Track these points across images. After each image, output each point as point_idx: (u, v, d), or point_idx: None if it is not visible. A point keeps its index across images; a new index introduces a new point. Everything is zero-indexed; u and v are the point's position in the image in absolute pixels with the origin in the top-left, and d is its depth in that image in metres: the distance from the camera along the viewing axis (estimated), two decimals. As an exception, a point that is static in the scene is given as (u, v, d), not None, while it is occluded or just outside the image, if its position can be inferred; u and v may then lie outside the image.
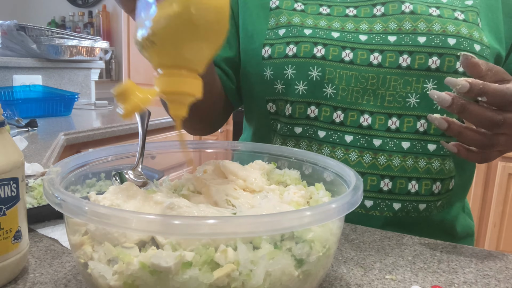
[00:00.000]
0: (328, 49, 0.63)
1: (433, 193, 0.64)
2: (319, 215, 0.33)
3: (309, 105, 0.65)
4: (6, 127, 0.44)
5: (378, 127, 0.63)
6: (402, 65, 0.62)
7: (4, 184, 0.42)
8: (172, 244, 0.34)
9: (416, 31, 0.62)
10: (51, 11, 4.51)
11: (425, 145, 0.63)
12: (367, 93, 0.63)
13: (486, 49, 0.63)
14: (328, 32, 0.64)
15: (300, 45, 0.64)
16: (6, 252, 0.42)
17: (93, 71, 2.29)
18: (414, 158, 0.63)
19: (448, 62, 0.61)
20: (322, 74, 0.63)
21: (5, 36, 1.89)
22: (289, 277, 0.35)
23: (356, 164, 0.63)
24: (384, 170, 0.63)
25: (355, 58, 0.63)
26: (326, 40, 0.64)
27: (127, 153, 0.54)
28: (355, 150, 0.63)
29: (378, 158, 0.63)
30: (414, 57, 0.61)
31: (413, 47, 0.61)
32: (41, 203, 0.62)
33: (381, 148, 0.63)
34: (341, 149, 0.64)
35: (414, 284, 0.46)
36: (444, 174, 0.64)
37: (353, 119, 0.63)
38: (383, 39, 0.63)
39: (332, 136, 0.64)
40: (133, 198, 0.41)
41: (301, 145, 0.67)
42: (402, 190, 0.63)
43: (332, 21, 0.65)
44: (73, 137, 1.40)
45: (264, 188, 0.50)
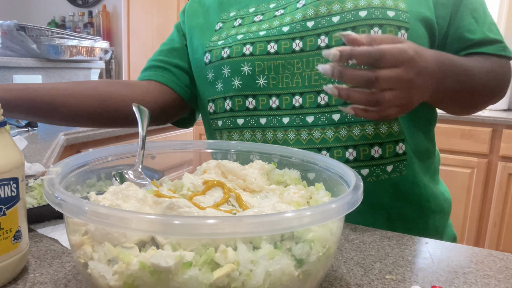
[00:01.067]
0: (256, 46, 0.71)
1: (373, 157, 0.67)
2: (319, 215, 0.33)
3: (247, 98, 0.72)
4: (6, 127, 0.44)
5: (309, 105, 0.68)
6: (321, 45, 0.67)
7: (4, 184, 0.42)
8: (172, 244, 0.34)
9: (330, 13, 0.67)
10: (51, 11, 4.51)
11: (351, 117, 0.67)
12: (295, 77, 0.69)
13: (403, 13, 0.66)
14: (256, 33, 0.72)
15: (233, 48, 0.73)
16: (6, 252, 0.42)
17: (93, 71, 2.29)
18: (347, 127, 0.66)
19: (362, 32, 0.65)
20: (252, 68, 0.71)
21: (5, 36, 1.89)
22: (289, 277, 0.35)
23: (295, 142, 0.69)
24: (320, 143, 0.67)
25: (279, 49, 0.69)
26: (254, 39, 0.71)
27: (127, 153, 0.54)
28: (293, 129, 0.69)
29: (313, 133, 0.68)
30: (330, 37, 0.66)
31: (329, 28, 0.67)
32: (41, 203, 0.62)
33: (314, 123, 0.68)
34: (281, 131, 0.70)
35: (414, 284, 0.46)
36: (381, 139, 0.67)
37: (287, 102, 0.70)
38: (303, 26, 0.69)
39: (272, 121, 0.71)
40: (133, 198, 0.41)
41: (245, 135, 0.73)
42: (340, 159, 0.67)
43: (262, 25, 0.73)
44: (73, 137, 1.40)
45: (264, 188, 0.50)
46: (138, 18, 3.74)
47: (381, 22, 0.65)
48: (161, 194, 0.44)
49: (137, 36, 3.77)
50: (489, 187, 2.31)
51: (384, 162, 0.68)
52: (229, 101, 0.73)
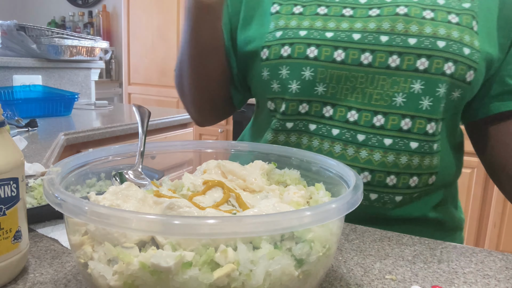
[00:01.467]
0: (321, 50, 0.66)
1: (409, 186, 0.67)
2: (319, 215, 0.33)
3: (301, 103, 0.68)
4: (6, 127, 0.44)
5: (363, 123, 0.66)
6: (391, 65, 0.64)
7: (4, 184, 0.42)
8: (172, 244, 0.34)
9: (407, 33, 0.63)
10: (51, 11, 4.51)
11: (408, 142, 0.65)
12: (355, 91, 0.66)
13: (476, 53, 0.63)
14: (322, 33, 0.67)
15: (294, 46, 0.67)
16: (6, 252, 0.42)
17: (93, 71, 2.29)
18: (396, 154, 0.65)
19: (436, 64, 0.62)
20: (314, 74, 0.66)
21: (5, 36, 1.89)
22: (289, 277, 0.35)
23: (339, 156, 0.67)
24: (365, 163, 0.66)
25: (347, 58, 0.65)
26: (319, 40, 0.66)
27: (127, 153, 0.54)
28: (340, 143, 0.67)
29: (360, 152, 0.66)
30: (403, 58, 0.63)
31: (403, 48, 0.63)
32: (41, 203, 0.62)
33: (364, 143, 0.66)
34: (328, 142, 0.67)
35: (414, 284, 0.46)
36: (422, 170, 0.66)
37: (341, 114, 0.67)
38: (376, 38, 0.64)
39: (322, 129, 0.68)
40: (133, 198, 0.41)
41: (291, 138, 0.71)
42: (380, 183, 0.66)
43: (328, 21, 0.68)
44: (73, 137, 1.40)
45: (264, 188, 0.50)
46: (138, 18, 3.74)
47: (456, 58, 0.62)
48: (161, 194, 0.44)
49: (137, 36, 3.77)
50: (489, 187, 2.31)
51: (416, 191, 0.68)
52: (284, 103, 0.69)
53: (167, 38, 3.63)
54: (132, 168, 0.52)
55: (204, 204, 0.44)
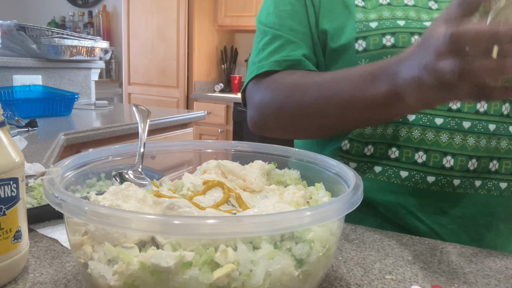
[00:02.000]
0: (397, 36, 0.65)
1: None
2: (319, 215, 0.33)
3: None
4: (6, 127, 0.44)
5: (467, 110, 0.65)
6: None
7: (4, 184, 0.42)
8: (172, 244, 0.34)
9: None
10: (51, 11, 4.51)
11: (507, 127, 0.65)
12: None
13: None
14: (420, 23, 0.66)
15: (398, 35, 0.65)
16: (6, 252, 0.42)
17: (93, 71, 2.29)
18: (497, 139, 0.65)
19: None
20: None
21: (5, 36, 1.89)
22: (289, 277, 0.35)
23: (447, 145, 0.65)
24: (472, 151, 0.65)
25: None
26: (420, 29, 0.66)
27: (127, 153, 0.54)
28: (446, 132, 0.65)
29: (467, 139, 0.65)
30: None
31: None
32: (41, 203, 0.62)
33: (470, 130, 0.65)
34: (432, 132, 0.66)
35: (414, 284, 0.46)
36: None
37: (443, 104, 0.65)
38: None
39: (422, 119, 0.66)
40: (133, 198, 0.41)
41: (388, 130, 0.67)
42: (485, 169, 0.66)
43: (420, 12, 0.68)
44: (73, 137, 1.40)
45: (264, 188, 0.50)
46: (138, 18, 3.74)
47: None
48: (161, 194, 0.44)
49: (137, 36, 3.77)
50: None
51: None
52: None
53: (167, 38, 3.63)
54: (132, 168, 0.52)
55: (204, 204, 0.44)
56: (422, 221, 0.66)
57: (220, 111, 3.50)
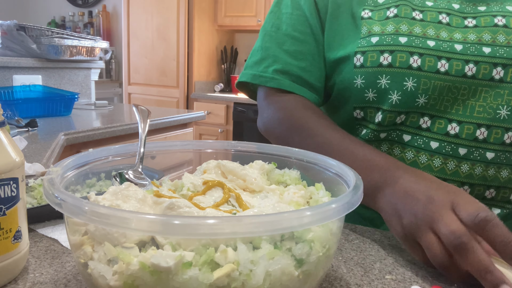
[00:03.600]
0: (424, 59, 0.63)
1: (510, 201, 0.65)
2: (319, 215, 0.33)
3: (399, 114, 0.65)
4: (6, 127, 0.44)
5: (465, 136, 0.63)
6: (495, 77, 0.62)
7: (4, 184, 0.42)
8: (172, 244, 0.34)
9: (510, 44, 0.62)
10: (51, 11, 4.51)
11: (510, 156, 0.63)
12: (456, 103, 0.63)
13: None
14: (423, 41, 0.64)
15: (396, 54, 0.63)
16: (6, 252, 0.42)
17: (93, 71, 2.29)
18: (497, 168, 0.63)
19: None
20: (417, 85, 0.63)
21: (5, 36, 1.89)
22: (289, 277, 0.35)
23: (439, 170, 0.64)
24: (465, 178, 0.63)
25: (450, 69, 0.62)
26: (422, 49, 0.63)
27: (127, 153, 0.54)
28: (440, 157, 0.64)
29: (461, 166, 0.63)
30: (507, 70, 0.61)
31: (508, 60, 0.61)
32: (41, 203, 0.62)
33: (465, 157, 0.63)
34: (425, 155, 0.64)
35: (414, 284, 0.46)
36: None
37: (440, 127, 0.64)
38: (478, 49, 0.62)
39: (418, 141, 0.65)
40: (133, 198, 0.41)
41: (382, 148, 0.67)
42: (479, 196, 0.64)
43: (426, 28, 0.65)
44: (73, 137, 1.40)
45: (264, 188, 0.50)
46: (138, 18, 3.74)
47: None
48: (161, 194, 0.44)
49: (137, 36, 3.77)
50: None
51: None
52: (380, 114, 0.66)
53: (167, 38, 3.63)
54: (132, 168, 0.52)
55: (204, 204, 0.44)
56: None
57: (220, 111, 3.50)
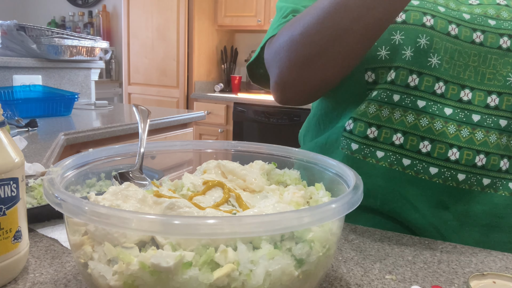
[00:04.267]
0: (437, 21, 0.65)
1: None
2: (319, 215, 0.33)
3: (411, 73, 0.65)
4: (6, 127, 0.44)
5: (477, 103, 0.64)
6: (503, 46, 0.64)
7: (4, 184, 0.42)
8: (172, 244, 0.34)
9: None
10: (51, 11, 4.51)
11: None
12: (468, 69, 0.64)
13: None
14: (434, 5, 0.67)
15: (410, 13, 0.66)
16: (6, 252, 0.42)
17: (93, 71, 2.29)
18: (508, 136, 0.64)
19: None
20: (429, 43, 0.64)
21: (5, 36, 1.89)
22: (289, 277, 0.35)
23: (453, 137, 0.63)
24: (480, 145, 0.63)
25: (460, 34, 0.65)
26: (433, 12, 0.66)
27: (127, 153, 0.54)
28: (454, 123, 0.64)
29: (475, 133, 0.63)
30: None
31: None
32: (41, 203, 0.62)
33: (479, 123, 0.63)
34: (440, 121, 0.64)
35: (414, 284, 0.46)
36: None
37: (453, 93, 0.64)
38: (484, 21, 0.65)
39: (432, 107, 0.64)
40: (132, 198, 0.41)
41: (395, 114, 0.66)
42: (495, 167, 0.64)
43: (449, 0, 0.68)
44: (73, 137, 1.40)
45: (264, 188, 0.50)
46: (138, 18, 3.74)
47: None
48: (161, 194, 0.44)
49: (137, 36, 3.77)
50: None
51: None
52: (393, 71, 0.66)
53: (167, 38, 3.63)
54: (132, 168, 0.52)
55: (204, 204, 0.44)
56: (421, 214, 0.64)
57: (220, 111, 3.50)
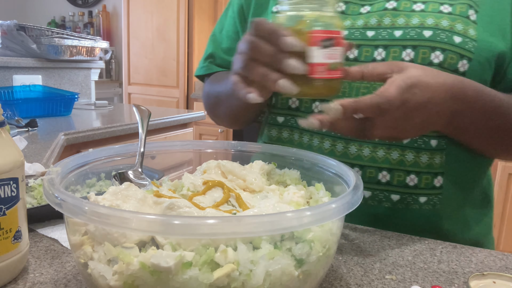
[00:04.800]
0: None
1: (407, 185, 0.64)
2: (319, 215, 0.33)
3: (290, 97, 0.70)
4: (6, 127, 0.44)
5: None
6: (377, 58, 0.63)
7: (4, 184, 0.42)
8: (172, 245, 0.34)
9: (394, 26, 0.63)
10: (51, 11, 4.51)
11: None
12: (343, 85, 0.65)
13: (470, 41, 0.61)
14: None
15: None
16: (6, 252, 0.42)
17: (93, 71, 2.28)
18: (386, 149, 0.64)
19: (422, 54, 0.61)
20: None
21: (5, 36, 1.89)
22: (289, 277, 0.35)
23: (329, 152, 0.66)
24: (354, 159, 0.65)
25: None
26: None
27: (127, 153, 0.54)
28: (329, 139, 0.66)
29: (349, 147, 0.65)
30: (389, 51, 0.63)
31: (389, 41, 0.63)
32: (41, 203, 0.62)
33: (352, 138, 0.65)
34: (317, 138, 0.67)
35: (414, 284, 0.46)
36: (419, 167, 0.63)
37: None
38: (362, 34, 0.65)
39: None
40: (132, 198, 0.41)
41: (283, 134, 0.72)
42: (372, 179, 0.65)
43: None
44: (73, 137, 1.40)
45: (264, 188, 0.50)
46: (138, 18, 3.73)
47: (444, 47, 0.60)
48: (161, 194, 0.44)
49: (137, 36, 3.77)
50: (489, 187, 2.31)
51: (415, 192, 0.64)
52: (273, 97, 0.72)
53: (167, 38, 3.63)
54: (132, 168, 0.52)
55: (204, 204, 0.44)
56: None
57: (220, 111, 3.49)
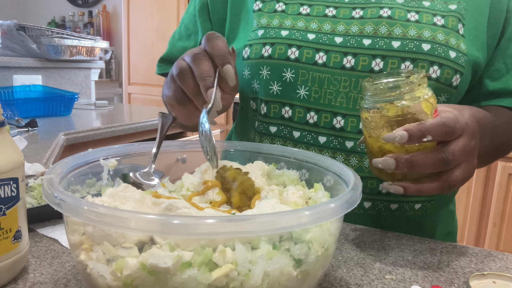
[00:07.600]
0: (302, 51, 0.64)
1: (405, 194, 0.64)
2: (318, 215, 0.34)
3: (283, 106, 0.67)
4: (6, 127, 0.44)
5: (350, 129, 0.64)
6: (375, 69, 0.62)
7: (4, 184, 0.42)
8: (170, 245, 0.34)
9: (391, 36, 0.62)
10: (51, 11, 4.51)
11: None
12: (339, 95, 0.64)
13: (462, 56, 0.62)
14: (304, 34, 0.65)
15: (275, 47, 0.66)
16: (6, 252, 0.42)
17: (93, 71, 2.28)
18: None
19: (421, 67, 0.61)
20: (295, 76, 0.65)
21: (5, 36, 1.89)
22: (288, 277, 0.35)
23: None
24: (355, 171, 0.63)
25: (328, 61, 0.64)
26: (301, 42, 0.65)
27: (127, 153, 0.54)
28: (328, 151, 0.65)
29: (350, 159, 0.64)
30: (387, 62, 0.62)
31: (387, 52, 0.62)
32: (41, 203, 0.62)
33: (353, 150, 0.64)
34: (315, 150, 0.66)
35: (414, 284, 0.46)
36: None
37: (326, 121, 0.64)
38: (358, 41, 0.63)
39: (306, 136, 0.66)
40: (130, 199, 0.41)
41: (276, 144, 0.69)
42: (373, 190, 0.64)
43: (310, 22, 0.66)
44: (73, 137, 1.40)
45: (263, 188, 0.50)
46: (138, 18, 3.74)
47: (442, 62, 0.60)
48: (160, 195, 0.44)
49: (137, 36, 3.77)
50: (489, 187, 2.31)
51: (415, 200, 0.65)
52: (264, 105, 0.68)
53: (167, 38, 3.62)
54: (143, 170, 0.52)
55: (203, 205, 0.44)
56: None
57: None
